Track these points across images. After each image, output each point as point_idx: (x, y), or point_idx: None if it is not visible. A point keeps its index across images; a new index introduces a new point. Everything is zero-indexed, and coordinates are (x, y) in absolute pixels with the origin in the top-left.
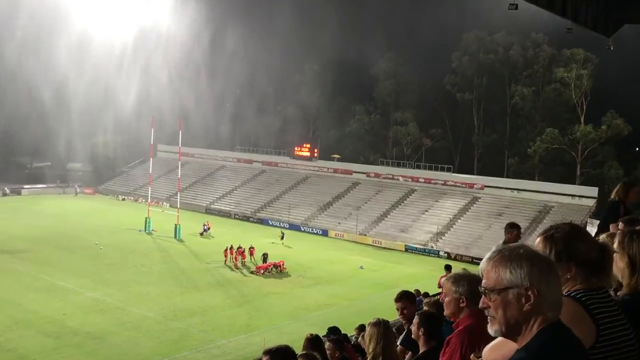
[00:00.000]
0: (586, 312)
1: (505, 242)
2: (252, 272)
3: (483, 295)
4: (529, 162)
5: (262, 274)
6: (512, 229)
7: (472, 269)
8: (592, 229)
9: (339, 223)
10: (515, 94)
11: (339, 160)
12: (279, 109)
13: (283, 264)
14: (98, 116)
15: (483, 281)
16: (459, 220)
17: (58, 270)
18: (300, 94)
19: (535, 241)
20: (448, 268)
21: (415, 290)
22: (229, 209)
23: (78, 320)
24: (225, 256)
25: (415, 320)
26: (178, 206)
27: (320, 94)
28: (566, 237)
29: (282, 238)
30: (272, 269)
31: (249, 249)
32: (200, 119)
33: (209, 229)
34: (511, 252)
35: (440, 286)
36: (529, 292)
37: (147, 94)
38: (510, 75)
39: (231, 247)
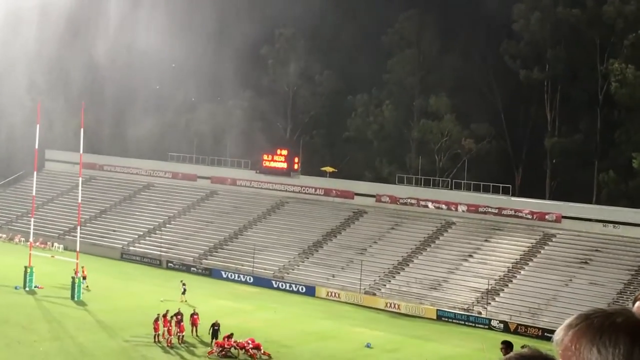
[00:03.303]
0: None
1: None
2: (214, 356)
3: None
4: (632, 180)
5: (220, 354)
6: None
7: (543, 347)
8: None
9: (333, 276)
10: (612, 73)
11: (333, 175)
12: (237, 95)
13: (260, 349)
14: None
15: None
16: (522, 271)
17: None
18: (270, 73)
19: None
20: (508, 346)
21: None
22: (158, 252)
23: None
24: (157, 329)
25: None
26: (78, 249)
27: (301, 74)
28: None
29: (184, 292)
30: (238, 351)
31: (191, 316)
32: (115, 110)
33: (84, 278)
34: (604, 319)
35: None
36: None
37: (31, 69)
38: (604, 42)
39: (165, 315)
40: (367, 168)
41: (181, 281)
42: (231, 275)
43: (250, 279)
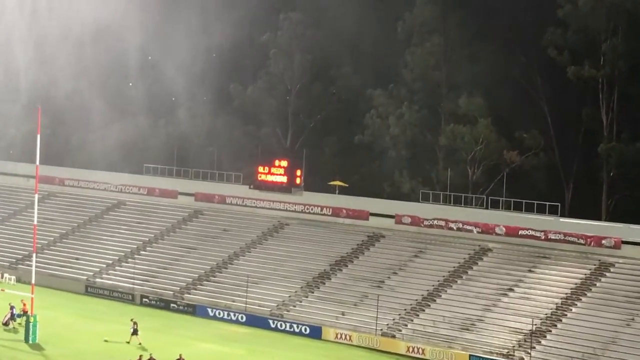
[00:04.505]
0: None
1: None
2: None
3: None
4: None
5: None
6: None
7: None
8: None
9: (343, 314)
10: None
11: (343, 191)
12: (227, 94)
13: None
14: None
15: None
16: (573, 309)
17: None
18: (271, 66)
19: None
20: None
21: None
22: (130, 285)
23: None
24: None
25: None
26: (33, 281)
27: (307, 68)
28: None
29: (135, 332)
30: None
31: None
32: (78, 113)
33: (23, 314)
34: None
35: None
36: None
37: None
38: None
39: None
40: (385, 183)
41: (131, 319)
42: (219, 313)
43: (242, 318)
